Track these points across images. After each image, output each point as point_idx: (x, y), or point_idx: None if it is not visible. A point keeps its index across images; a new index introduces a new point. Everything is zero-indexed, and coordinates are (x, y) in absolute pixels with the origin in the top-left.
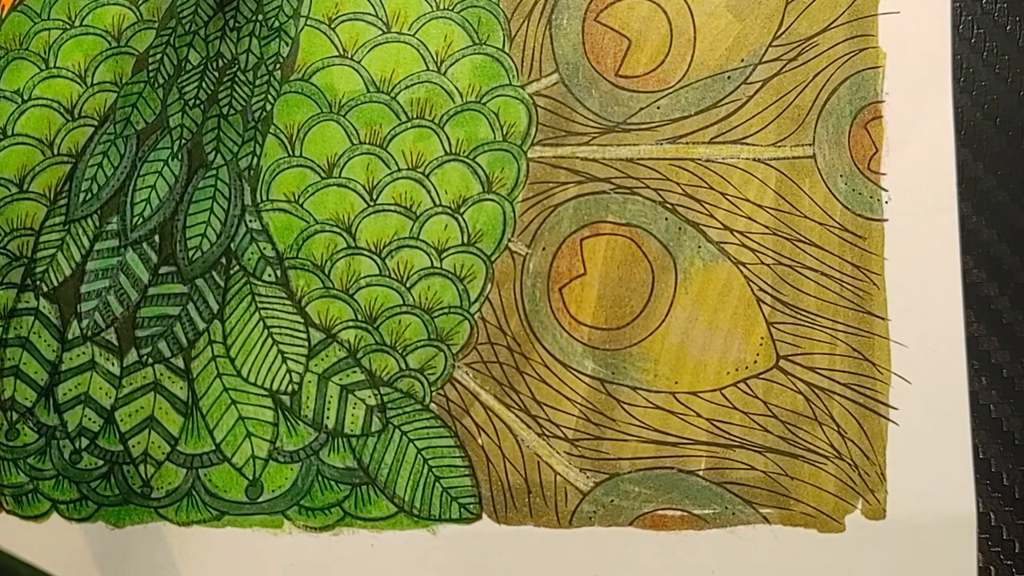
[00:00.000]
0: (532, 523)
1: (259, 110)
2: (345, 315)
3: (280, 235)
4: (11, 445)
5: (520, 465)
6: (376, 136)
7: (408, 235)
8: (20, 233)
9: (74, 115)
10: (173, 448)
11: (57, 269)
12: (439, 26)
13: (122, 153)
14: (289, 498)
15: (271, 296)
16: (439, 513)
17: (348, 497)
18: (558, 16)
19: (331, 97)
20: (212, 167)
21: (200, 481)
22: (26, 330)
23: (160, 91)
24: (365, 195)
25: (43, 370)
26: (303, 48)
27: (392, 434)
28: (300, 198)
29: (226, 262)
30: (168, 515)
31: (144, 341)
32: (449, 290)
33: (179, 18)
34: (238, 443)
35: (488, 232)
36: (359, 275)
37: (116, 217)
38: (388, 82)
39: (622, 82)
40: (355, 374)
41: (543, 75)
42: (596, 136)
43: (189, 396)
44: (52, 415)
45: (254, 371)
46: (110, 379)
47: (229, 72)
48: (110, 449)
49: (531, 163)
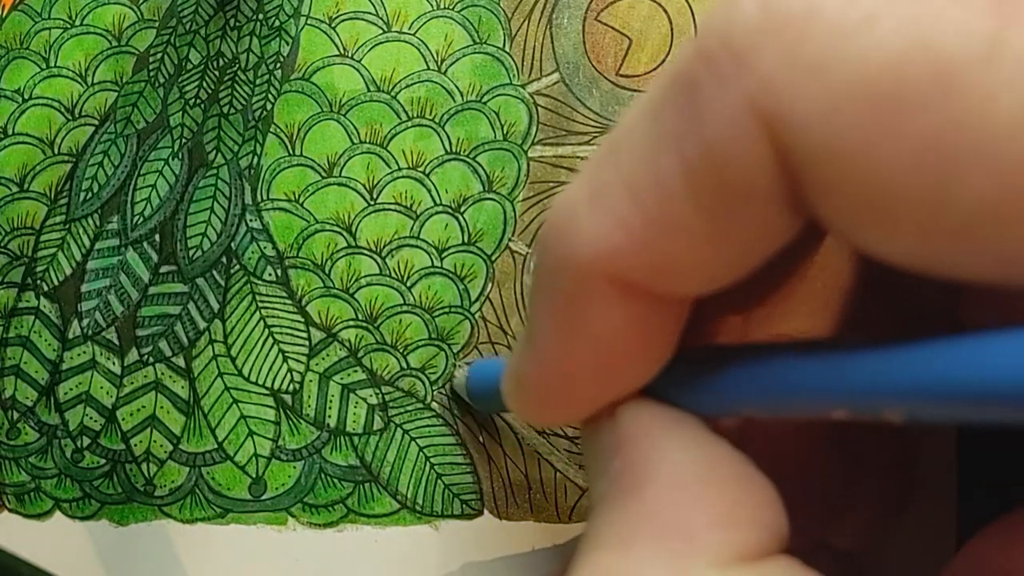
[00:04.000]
0: (533, 519)
1: (260, 109)
2: (346, 314)
3: (280, 234)
4: (12, 444)
5: (521, 462)
6: (376, 135)
7: (408, 234)
8: (21, 232)
9: (75, 114)
10: (175, 446)
11: (58, 268)
12: (439, 25)
13: (123, 152)
14: (293, 495)
15: (272, 295)
16: (441, 509)
17: (351, 494)
18: (559, 15)
19: (331, 96)
20: (213, 166)
21: (203, 479)
22: (27, 329)
23: (161, 90)
24: (365, 194)
25: (44, 369)
26: (303, 47)
27: (394, 432)
28: (300, 197)
29: (227, 261)
30: (172, 513)
31: (145, 340)
32: (450, 289)
33: (180, 17)
34: (240, 441)
35: (489, 231)
36: (360, 274)
37: (117, 216)
38: (388, 81)
39: (623, 81)
40: (356, 373)
41: (544, 74)
42: (597, 135)
43: (191, 395)
44: (53, 414)
45: (255, 370)
46: (111, 378)
47: (230, 71)
48: (112, 448)
49: (532, 162)
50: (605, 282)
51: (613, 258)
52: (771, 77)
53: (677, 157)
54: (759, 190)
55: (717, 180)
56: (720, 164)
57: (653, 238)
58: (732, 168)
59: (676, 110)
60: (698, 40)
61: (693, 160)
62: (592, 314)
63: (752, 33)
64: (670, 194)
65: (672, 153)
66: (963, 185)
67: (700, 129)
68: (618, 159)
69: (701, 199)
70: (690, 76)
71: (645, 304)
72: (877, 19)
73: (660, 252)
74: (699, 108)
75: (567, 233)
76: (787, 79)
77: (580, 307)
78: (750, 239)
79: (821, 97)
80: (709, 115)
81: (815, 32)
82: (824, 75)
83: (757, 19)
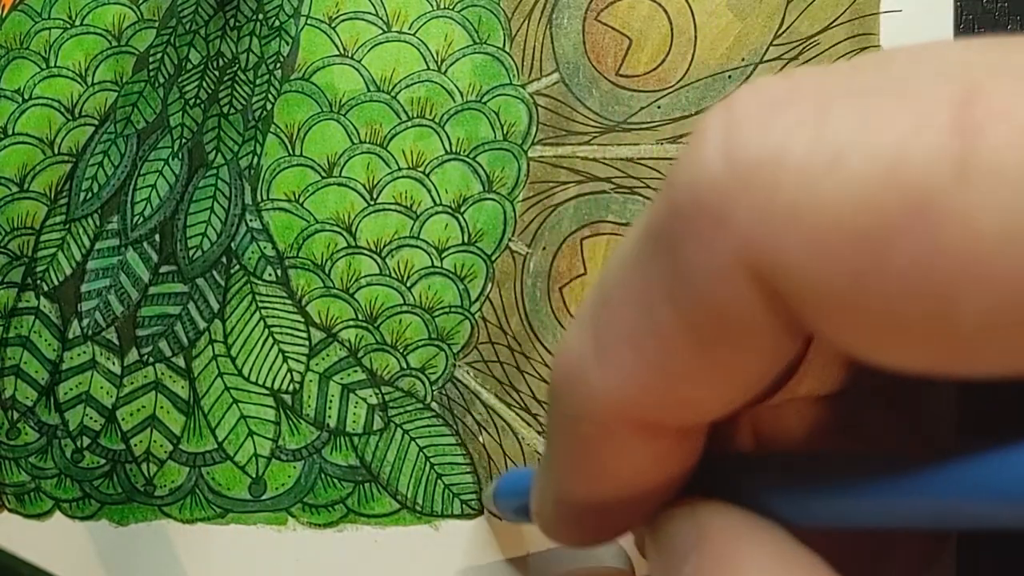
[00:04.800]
0: None
1: (259, 109)
2: (346, 314)
3: (280, 234)
4: (12, 444)
5: (520, 462)
6: (376, 135)
7: (408, 234)
8: (21, 232)
9: (75, 114)
10: (175, 447)
11: (58, 268)
12: (439, 25)
13: (122, 152)
14: (293, 495)
15: (272, 295)
16: (441, 509)
17: (351, 494)
18: (558, 15)
19: (331, 96)
20: (213, 166)
21: (203, 479)
22: (27, 329)
23: (161, 90)
24: (365, 194)
25: (44, 369)
26: (303, 47)
27: (394, 432)
28: (300, 197)
29: (227, 261)
30: (172, 513)
31: (145, 340)
32: (450, 289)
33: (180, 17)
34: (240, 441)
35: (489, 231)
36: (359, 274)
37: (117, 216)
38: (388, 81)
39: (622, 81)
40: (356, 373)
41: (543, 74)
42: (596, 135)
43: (190, 395)
44: (53, 414)
45: (255, 370)
46: (111, 378)
47: (230, 71)
48: (112, 448)
49: (531, 162)
50: (625, 426)
51: (629, 406)
52: (749, 232)
53: (671, 307)
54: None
55: (715, 325)
56: (715, 312)
57: (662, 383)
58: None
59: (661, 264)
60: (669, 194)
61: (687, 311)
62: (615, 457)
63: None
64: (670, 342)
65: (665, 304)
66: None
67: (689, 283)
68: (614, 310)
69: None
70: (669, 234)
71: (667, 437)
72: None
73: (672, 395)
74: (683, 265)
75: (579, 387)
76: (765, 232)
77: (602, 451)
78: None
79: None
80: (695, 271)
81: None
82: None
83: (724, 174)
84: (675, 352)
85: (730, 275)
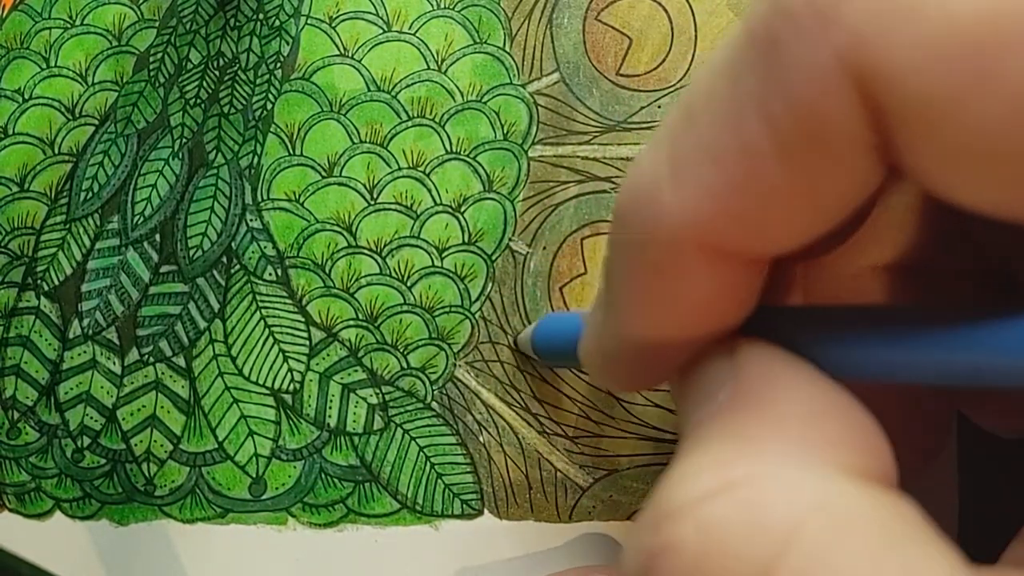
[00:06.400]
0: (533, 518)
1: (260, 109)
2: (346, 314)
3: (281, 234)
4: (12, 444)
5: (521, 462)
6: (377, 135)
7: (409, 234)
8: (21, 232)
9: (75, 114)
10: (176, 446)
11: (58, 268)
12: (440, 25)
13: (123, 152)
14: (293, 495)
15: (272, 295)
16: (441, 509)
17: (351, 494)
18: (559, 15)
19: (332, 96)
20: (213, 166)
21: (204, 479)
22: (27, 329)
23: (161, 90)
24: (366, 194)
25: (44, 369)
26: (304, 47)
27: (394, 432)
28: (301, 197)
29: (227, 261)
30: (172, 512)
31: (145, 340)
32: (450, 289)
33: (180, 17)
34: (240, 441)
35: (489, 231)
36: (360, 274)
37: (117, 216)
38: (389, 81)
39: (623, 81)
40: (356, 373)
41: (544, 74)
42: (597, 135)
43: (191, 395)
44: (53, 414)
45: (255, 370)
46: (111, 378)
47: (230, 71)
48: (112, 447)
49: (532, 162)
50: (695, 251)
51: (703, 227)
52: (859, 30)
53: (762, 119)
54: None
55: (807, 138)
56: (810, 121)
57: (743, 203)
58: (822, 124)
59: (757, 71)
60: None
61: (780, 120)
62: (684, 283)
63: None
64: (758, 158)
65: (756, 115)
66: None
67: (786, 89)
68: (697, 127)
69: (790, 159)
70: (769, 35)
71: (735, 266)
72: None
73: (751, 216)
74: (783, 68)
75: (651, 206)
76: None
77: (670, 277)
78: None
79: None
80: (795, 74)
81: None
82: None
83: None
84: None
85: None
